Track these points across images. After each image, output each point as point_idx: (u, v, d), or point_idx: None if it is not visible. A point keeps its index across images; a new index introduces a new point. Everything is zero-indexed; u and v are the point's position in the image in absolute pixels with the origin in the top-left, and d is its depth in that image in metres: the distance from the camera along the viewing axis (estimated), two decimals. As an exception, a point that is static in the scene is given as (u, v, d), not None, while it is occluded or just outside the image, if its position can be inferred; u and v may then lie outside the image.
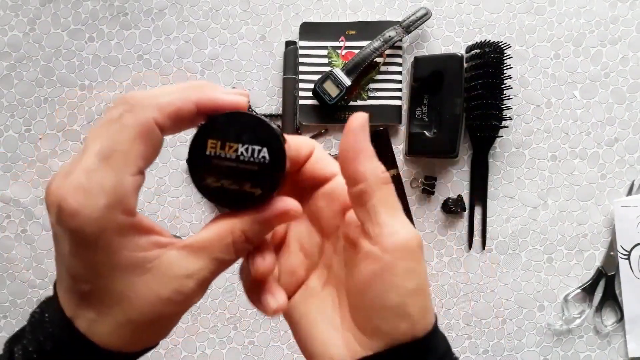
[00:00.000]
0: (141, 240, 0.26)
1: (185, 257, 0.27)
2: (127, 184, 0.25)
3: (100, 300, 0.26)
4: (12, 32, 0.70)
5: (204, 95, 0.27)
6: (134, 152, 0.25)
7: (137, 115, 0.25)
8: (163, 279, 0.26)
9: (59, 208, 0.24)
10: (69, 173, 0.25)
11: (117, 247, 0.25)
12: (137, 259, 0.26)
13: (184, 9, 0.71)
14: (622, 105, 0.71)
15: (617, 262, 0.70)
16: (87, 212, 0.24)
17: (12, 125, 0.71)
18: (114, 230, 0.25)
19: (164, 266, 0.26)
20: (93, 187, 0.24)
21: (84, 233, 0.24)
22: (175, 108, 0.26)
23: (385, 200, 0.28)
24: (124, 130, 0.25)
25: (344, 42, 0.70)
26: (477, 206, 0.71)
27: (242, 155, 0.27)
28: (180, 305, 0.27)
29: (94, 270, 0.26)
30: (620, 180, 0.71)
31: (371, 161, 0.28)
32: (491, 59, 0.65)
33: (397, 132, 0.71)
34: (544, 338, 0.71)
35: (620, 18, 0.71)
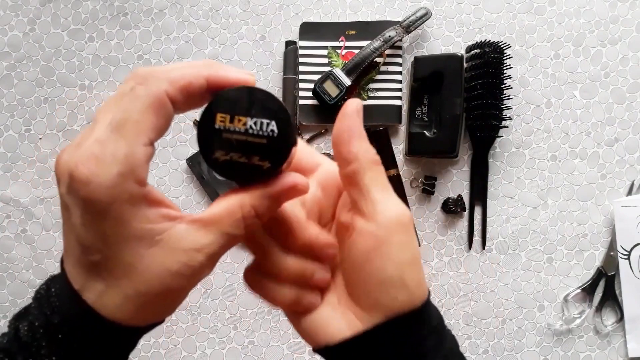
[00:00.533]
0: (151, 212, 0.26)
1: (195, 230, 0.27)
2: (139, 154, 0.25)
3: (109, 271, 0.26)
4: (12, 32, 0.70)
5: (214, 71, 0.27)
6: (146, 122, 0.25)
7: (149, 87, 0.25)
8: (172, 252, 0.26)
9: (71, 177, 0.24)
10: (80, 144, 0.25)
11: (127, 217, 0.25)
12: (146, 230, 0.26)
13: (184, 9, 0.71)
14: (622, 105, 0.71)
15: (617, 262, 0.70)
16: (100, 180, 0.24)
17: (12, 125, 0.71)
18: (126, 200, 0.25)
19: (173, 239, 0.26)
20: (106, 155, 0.24)
21: (96, 201, 0.24)
22: (186, 82, 0.26)
23: (376, 179, 0.30)
24: (136, 101, 0.25)
25: (344, 42, 0.70)
26: (477, 206, 0.71)
27: (251, 128, 0.27)
28: (188, 280, 0.27)
29: (105, 240, 0.25)
30: (620, 180, 0.71)
31: (363, 142, 0.30)
32: (491, 59, 0.65)
33: (397, 132, 0.71)
34: (544, 338, 0.71)
35: (620, 18, 0.71)
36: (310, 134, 0.71)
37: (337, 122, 0.31)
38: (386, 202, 0.30)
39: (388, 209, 0.30)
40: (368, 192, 0.30)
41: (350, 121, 0.30)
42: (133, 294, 0.26)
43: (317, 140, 0.71)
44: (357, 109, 0.31)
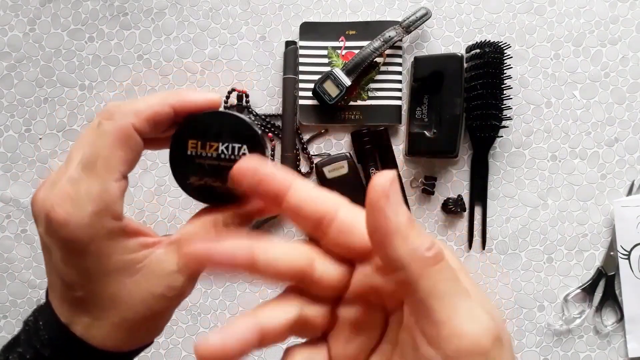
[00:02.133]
0: (129, 243, 0.26)
1: (173, 253, 0.27)
2: (113, 190, 0.25)
3: (95, 304, 0.27)
4: (12, 32, 0.70)
5: (179, 98, 0.27)
6: (115, 158, 0.26)
7: (115, 122, 0.26)
8: (154, 277, 0.27)
9: (48, 218, 0.25)
10: (55, 183, 0.26)
11: (107, 251, 0.26)
12: (127, 261, 0.26)
13: (184, 9, 0.71)
14: (622, 105, 0.71)
15: (617, 262, 0.70)
16: (76, 220, 0.25)
17: (12, 125, 0.70)
18: (104, 236, 0.25)
19: (153, 265, 0.27)
20: (80, 195, 0.25)
21: (74, 241, 0.25)
22: (152, 112, 0.26)
23: (437, 289, 0.21)
24: (103, 137, 0.26)
25: (344, 42, 0.70)
26: (477, 206, 0.71)
27: (223, 153, 0.28)
28: (171, 301, 0.28)
29: (87, 276, 0.26)
30: (620, 180, 0.71)
31: (407, 241, 0.22)
32: (491, 59, 0.65)
33: (397, 132, 0.71)
34: (543, 338, 0.71)
35: (620, 18, 0.70)
36: (310, 134, 0.71)
37: (366, 214, 0.22)
38: (455, 322, 0.21)
39: (458, 332, 0.21)
40: (427, 309, 0.21)
41: (382, 212, 0.22)
42: (120, 322, 0.27)
43: (317, 141, 0.71)
44: (387, 191, 0.22)
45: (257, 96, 0.71)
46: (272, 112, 0.70)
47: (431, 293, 0.21)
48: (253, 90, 0.71)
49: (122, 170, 0.26)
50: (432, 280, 0.21)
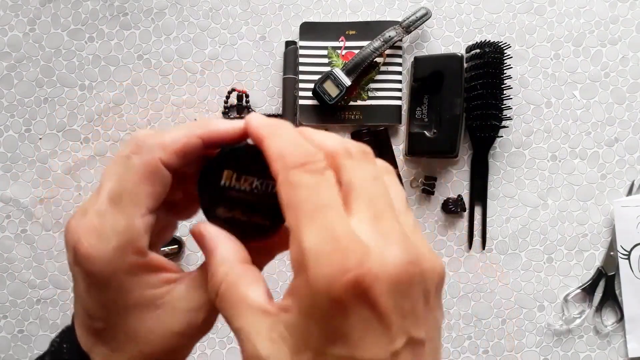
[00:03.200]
0: (152, 279, 0.26)
1: (194, 289, 0.27)
2: (137, 225, 0.25)
3: (114, 337, 0.27)
4: (12, 32, 0.70)
5: (207, 129, 0.27)
6: (142, 193, 0.26)
7: (143, 157, 0.26)
8: (174, 314, 0.27)
9: (74, 250, 0.25)
10: (85, 212, 0.26)
11: (128, 287, 0.26)
12: (148, 296, 0.26)
13: (184, 9, 0.70)
14: (622, 105, 0.71)
15: (617, 262, 0.70)
16: (99, 254, 0.25)
17: (12, 125, 0.70)
18: (125, 271, 0.25)
19: (174, 301, 0.27)
20: (105, 229, 0.25)
21: (96, 274, 0.25)
22: (180, 145, 0.26)
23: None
24: (131, 171, 0.26)
25: (344, 42, 0.70)
26: (477, 206, 0.71)
27: (257, 188, 0.27)
28: (192, 338, 0.28)
29: (107, 309, 0.26)
30: (620, 180, 0.71)
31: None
32: (491, 59, 0.65)
33: (397, 132, 0.71)
34: (544, 338, 0.71)
35: (620, 18, 0.70)
36: (310, 134, 0.71)
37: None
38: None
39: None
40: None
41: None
42: (138, 356, 0.27)
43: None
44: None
45: (257, 96, 0.71)
46: (272, 112, 0.70)
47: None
48: (253, 90, 0.71)
49: (149, 205, 0.26)
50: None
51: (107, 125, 0.71)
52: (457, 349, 0.71)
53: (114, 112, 0.71)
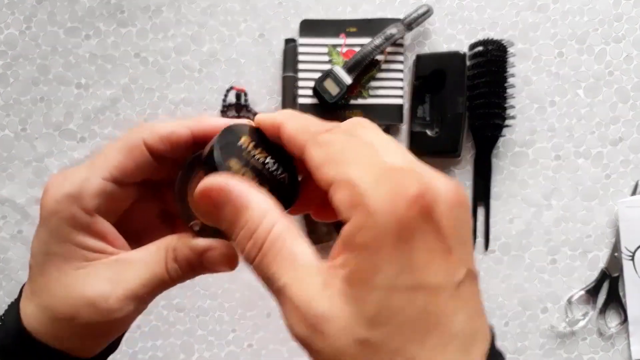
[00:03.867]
0: (89, 240, 0.27)
1: (121, 264, 0.28)
2: (93, 183, 0.27)
3: (35, 279, 0.28)
4: (8, 30, 0.69)
5: (199, 122, 0.28)
6: (112, 160, 0.28)
7: (129, 134, 0.28)
8: (93, 279, 0.27)
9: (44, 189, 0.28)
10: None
11: (64, 234, 0.27)
12: (78, 253, 0.27)
13: (181, 6, 0.70)
14: (627, 104, 0.70)
15: (621, 263, 0.69)
16: (52, 193, 0.27)
17: (8, 125, 0.70)
18: (65, 219, 0.27)
19: (99, 269, 0.27)
20: (68, 176, 0.27)
21: (42, 208, 0.27)
22: (168, 131, 0.28)
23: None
24: (115, 143, 0.28)
25: (345, 40, 0.69)
26: (480, 207, 0.70)
27: (268, 165, 0.27)
28: (100, 314, 0.27)
29: (39, 247, 0.28)
30: (625, 180, 0.70)
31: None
32: (494, 57, 0.65)
33: (398, 131, 0.70)
34: (547, 340, 0.70)
35: (625, 16, 0.70)
36: (310, 134, 0.70)
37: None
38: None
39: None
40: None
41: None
42: (45, 306, 0.27)
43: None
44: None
45: (256, 95, 0.70)
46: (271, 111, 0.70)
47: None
48: (252, 89, 0.70)
49: (113, 172, 0.27)
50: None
51: (104, 125, 0.70)
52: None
53: (110, 111, 0.70)
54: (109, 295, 0.27)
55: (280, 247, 0.22)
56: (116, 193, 0.28)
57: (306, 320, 0.20)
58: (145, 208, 0.31)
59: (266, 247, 0.22)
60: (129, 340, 0.70)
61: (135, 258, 0.28)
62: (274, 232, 0.22)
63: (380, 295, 0.20)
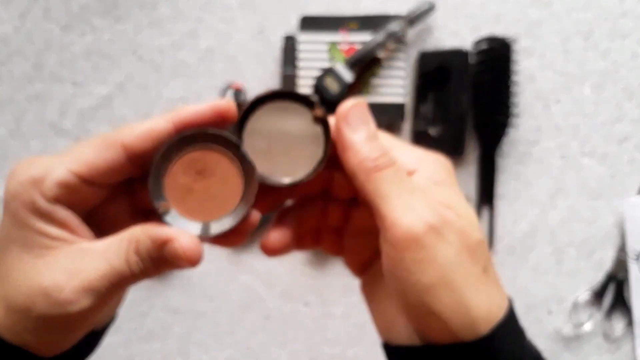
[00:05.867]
0: (50, 228, 0.26)
1: (82, 255, 0.27)
2: (56, 172, 0.26)
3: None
4: (2, 26, 0.69)
5: (179, 113, 0.28)
6: (82, 154, 0.27)
7: (107, 134, 0.28)
8: (51, 268, 0.26)
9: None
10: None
11: (23, 220, 0.26)
12: (38, 240, 0.26)
13: (178, 1, 0.69)
14: (632, 102, 0.69)
15: (627, 265, 0.68)
16: (14, 176, 0.27)
17: (2, 123, 0.69)
18: (26, 203, 0.26)
19: (58, 258, 0.26)
20: (34, 163, 0.27)
21: (5, 192, 0.27)
22: (146, 129, 0.27)
23: (380, 190, 0.27)
24: (90, 140, 0.28)
25: (346, 36, 0.68)
26: (485, 207, 0.69)
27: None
28: (55, 306, 0.26)
29: (2, 234, 0.27)
30: (631, 179, 0.69)
31: (358, 154, 0.27)
32: (498, 54, 0.64)
33: (400, 129, 0.69)
34: (552, 343, 0.69)
35: (630, 12, 0.69)
36: (310, 132, 0.69)
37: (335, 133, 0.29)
38: (394, 213, 0.26)
39: (395, 222, 0.26)
40: (375, 207, 0.27)
41: (341, 131, 0.28)
42: (3, 296, 0.26)
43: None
44: (350, 110, 0.29)
45: (254, 92, 0.69)
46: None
47: (376, 194, 0.27)
48: (250, 86, 0.69)
49: (80, 166, 0.27)
50: (375, 184, 0.27)
51: (100, 123, 0.69)
52: (462, 355, 0.70)
53: (106, 108, 0.69)
54: (64, 286, 0.26)
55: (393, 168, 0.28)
56: (82, 188, 0.27)
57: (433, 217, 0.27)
58: (116, 203, 0.30)
59: (382, 162, 0.28)
60: (125, 343, 0.69)
61: (96, 248, 0.27)
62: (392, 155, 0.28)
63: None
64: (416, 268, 0.26)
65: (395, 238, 0.26)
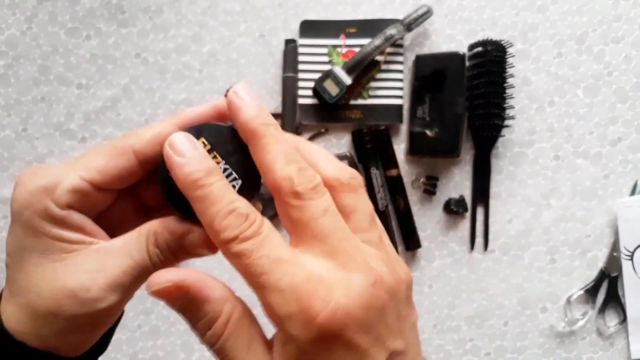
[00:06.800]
0: (66, 233, 0.27)
1: (102, 253, 0.27)
2: (68, 180, 0.27)
3: (13, 278, 0.27)
4: (9, 30, 0.70)
5: (181, 116, 0.29)
6: (92, 161, 0.27)
7: (117, 140, 0.28)
8: (73, 270, 0.26)
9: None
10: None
11: (38, 228, 0.26)
12: (55, 245, 0.26)
13: (182, 6, 0.70)
14: (626, 104, 0.70)
15: (621, 263, 0.69)
16: (25, 186, 0.27)
17: (8, 125, 0.70)
18: (39, 212, 0.26)
19: (78, 259, 0.27)
20: (43, 170, 0.27)
21: (14, 201, 0.27)
22: (155, 133, 0.28)
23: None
24: (100, 147, 0.28)
25: (345, 40, 0.69)
26: (480, 206, 0.70)
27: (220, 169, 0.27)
28: (84, 306, 0.26)
29: (14, 243, 0.27)
30: (624, 180, 0.70)
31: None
32: (493, 58, 0.65)
33: (398, 131, 0.70)
34: (546, 340, 0.70)
35: (623, 16, 0.70)
36: (310, 134, 0.70)
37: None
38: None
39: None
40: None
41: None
42: (25, 304, 0.26)
43: (317, 140, 0.70)
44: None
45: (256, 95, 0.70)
46: (271, 111, 0.70)
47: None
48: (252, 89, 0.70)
49: (91, 172, 0.27)
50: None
51: (105, 125, 0.70)
52: (458, 351, 0.70)
53: (111, 111, 0.70)
54: (90, 285, 0.26)
55: (237, 335, 0.26)
56: (93, 194, 0.27)
57: None
58: (123, 205, 0.30)
59: (225, 335, 0.25)
60: (129, 340, 0.70)
61: (116, 246, 0.27)
62: (232, 322, 0.26)
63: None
64: None
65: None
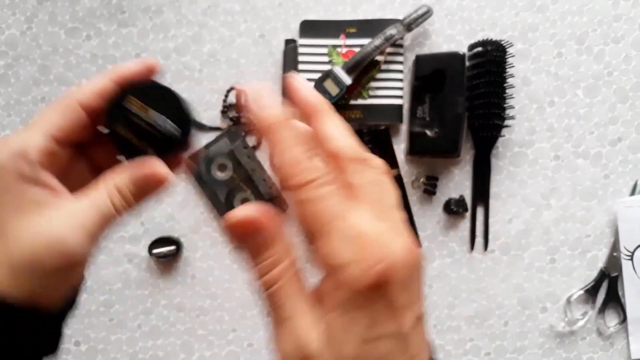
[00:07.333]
0: (39, 192, 0.30)
1: (72, 207, 0.30)
2: (33, 140, 0.30)
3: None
4: (9, 30, 0.70)
5: (115, 72, 0.32)
6: (48, 119, 0.31)
7: (63, 97, 0.31)
8: (48, 223, 0.29)
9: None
10: None
11: (14, 187, 0.29)
12: (30, 202, 0.29)
13: (182, 6, 0.70)
14: (625, 104, 0.70)
15: (620, 263, 0.69)
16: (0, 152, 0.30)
17: (9, 125, 0.70)
18: (14, 174, 0.29)
19: (52, 214, 0.30)
20: (10, 139, 0.30)
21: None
22: (99, 87, 0.31)
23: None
24: (50, 106, 0.31)
25: (345, 40, 0.69)
26: (480, 206, 0.70)
27: (155, 122, 0.31)
28: (62, 254, 0.29)
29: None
30: (624, 180, 0.70)
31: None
32: (493, 58, 0.65)
33: (398, 131, 0.70)
34: (546, 340, 0.70)
35: (623, 16, 0.70)
36: (310, 134, 0.70)
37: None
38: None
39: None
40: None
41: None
42: (7, 261, 0.29)
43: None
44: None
45: (256, 95, 0.70)
46: (271, 111, 0.70)
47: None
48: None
49: (50, 129, 0.30)
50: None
51: (105, 125, 0.70)
52: (458, 351, 0.70)
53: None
54: (65, 235, 0.29)
55: (291, 284, 0.27)
56: (57, 151, 0.31)
57: (298, 352, 0.26)
58: (79, 166, 0.34)
59: (282, 281, 0.27)
60: (129, 340, 0.70)
61: (82, 199, 0.30)
62: (291, 271, 0.28)
63: (353, 344, 0.26)
64: None
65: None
